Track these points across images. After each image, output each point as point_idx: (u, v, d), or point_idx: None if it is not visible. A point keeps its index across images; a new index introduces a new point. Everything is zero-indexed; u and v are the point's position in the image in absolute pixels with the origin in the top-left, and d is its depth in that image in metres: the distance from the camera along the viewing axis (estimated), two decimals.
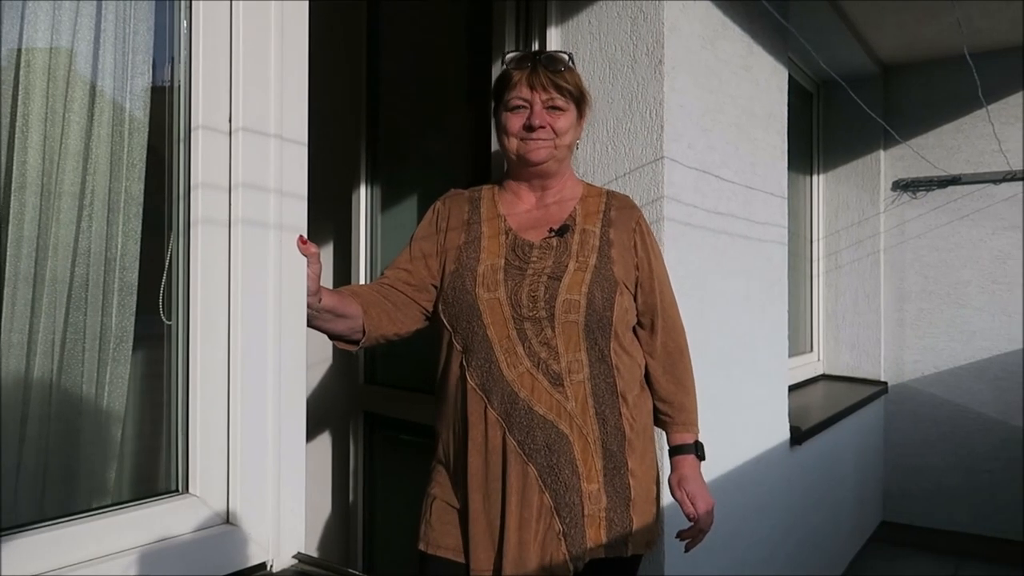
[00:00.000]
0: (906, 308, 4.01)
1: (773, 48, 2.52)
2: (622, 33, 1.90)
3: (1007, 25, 3.46)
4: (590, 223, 1.47)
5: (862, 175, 4.09)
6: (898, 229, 4.04)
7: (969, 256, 3.88)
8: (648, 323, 1.50)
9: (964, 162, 3.87)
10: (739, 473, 2.28)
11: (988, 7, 3.25)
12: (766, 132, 2.48)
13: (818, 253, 4.15)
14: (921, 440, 3.96)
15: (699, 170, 2.00)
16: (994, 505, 3.78)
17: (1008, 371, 3.77)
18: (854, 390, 3.76)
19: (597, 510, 1.38)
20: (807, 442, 2.85)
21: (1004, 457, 3.77)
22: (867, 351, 4.05)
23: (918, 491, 3.96)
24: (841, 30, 3.38)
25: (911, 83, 3.99)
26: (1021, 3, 3.20)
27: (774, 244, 2.56)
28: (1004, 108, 3.76)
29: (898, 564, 3.69)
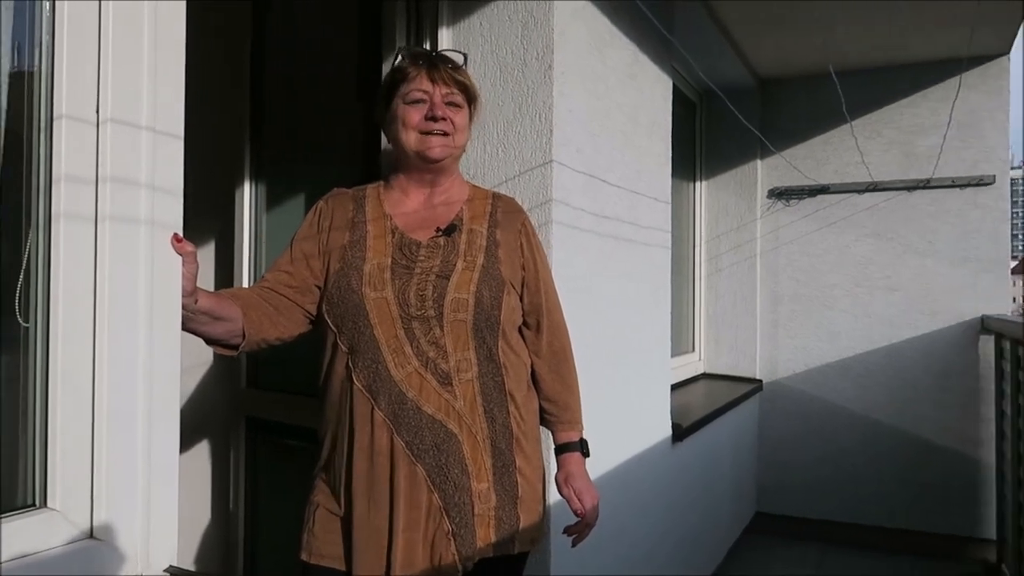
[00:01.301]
0: (779, 310, 4.25)
1: (658, 58, 2.61)
2: (513, 36, 1.92)
3: (868, 48, 3.73)
4: (477, 224, 1.48)
5: (741, 183, 4.29)
6: (773, 235, 4.27)
7: (836, 261, 4.14)
8: (534, 323, 1.52)
9: (832, 173, 4.13)
10: (623, 470, 2.35)
11: (852, 31, 3.49)
12: (651, 139, 2.56)
13: (700, 257, 4.32)
14: (792, 435, 4.20)
15: (587, 174, 2.05)
16: (857, 495, 4.05)
17: (869, 369, 4.06)
18: (732, 388, 3.94)
19: (487, 509, 1.39)
20: (688, 439, 2.96)
21: (866, 450, 4.05)
22: (744, 351, 4.26)
23: (790, 483, 4.19)
24: (722, 44, 3.54)
25: (785, 97, 4.23)
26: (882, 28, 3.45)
27: (658, 248, 2.65)
28: (866, 123, 4.05)
29: (771, 552, 3.90)
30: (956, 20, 3.33)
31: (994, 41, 3.64)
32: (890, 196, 4.02)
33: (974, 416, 3.83)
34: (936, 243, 3.94)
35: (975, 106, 3.84)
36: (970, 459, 3.83)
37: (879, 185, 4.02)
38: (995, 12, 3.25)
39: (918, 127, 3.96)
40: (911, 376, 3.97)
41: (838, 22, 3.37)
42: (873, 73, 4.01)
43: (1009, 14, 3.33)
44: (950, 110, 3.70)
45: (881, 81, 4.01)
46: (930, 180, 3.91)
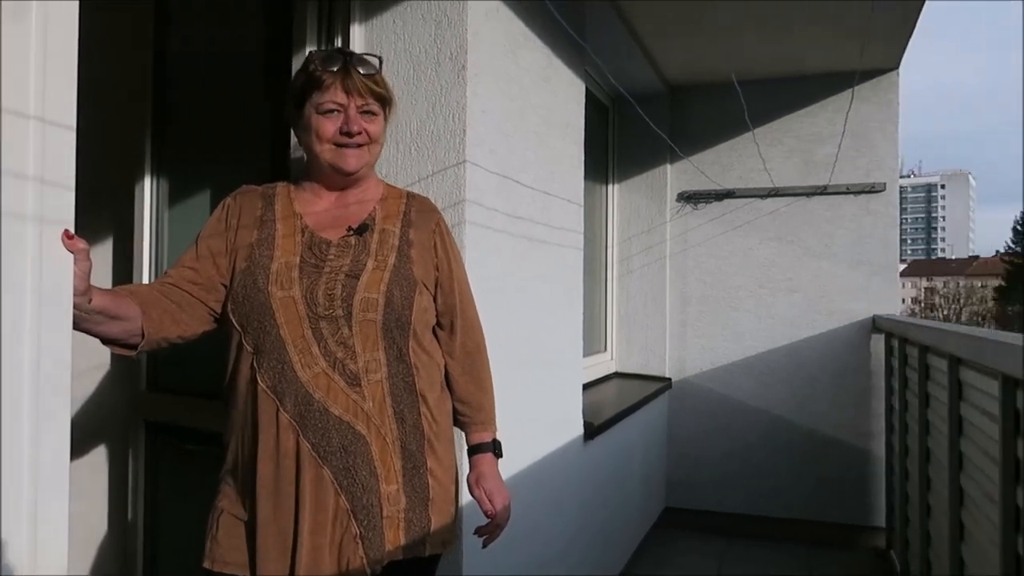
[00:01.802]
0: (688, 310, 4.38)
1: (571, 61, 2.65)
2: (426, 36, 1.91)
3: (770, 58, 3.89)
4: (390, 223, 1.46)
5: (651, 186, 4.40)
6: (682, 237, 4.40)
7: (740, 263, 4.30)
8: (447, 324, 1.52)
9: (737, 178, 4.29)
10: (536, 469, 2.37)
11: (754, 41, 3.63)
12: (564, 141, 2.60)
13: (612, 258, 4.41)
14: (700, 431, 4.34)
15: (500, 175, 2.06)
16: (760, 488, 4.22)
17: (771, 367, 4.23)
18: (642, 387, 4.03)
19: (396, 511, 1.37)
20: (599, 437, 3.01)
21: (768, 445, 4.22)
22: (654, 350, 4.37)
23: (697, 478, 4.33)
24: (633, 49, 3.62)
25: (693, 104, 4.36)
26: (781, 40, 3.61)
27: (571, 249, 2.68)
28: (769, 131, 4.22)
29: (678, 545, 4.01)
30: (848, 36, 3.51)
31: (884, 57, 3.86)
32: (791, 201, 4.20)
33: (866, 411, 4.05)
34: (832, 247, 4.14)
35: (867, 118, 4.06)
36: (863, 452, 4.05)
37: (781, 191, 4.20)
38: (884, 30, 3.45)
39: (816, 136, 4.16)
40: (810, 374, 4.16)
41: (741, 32, 3.50)
42: (775, 83, 4.18)
43: (897, 32, 3.54)
44: (844, 121, 3.90)
45: (783, 91, 4.19)
46: (827, 187, 4.11)
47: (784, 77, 4.16)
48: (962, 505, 2.18)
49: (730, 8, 3.22)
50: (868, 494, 4.04)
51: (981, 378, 1.94)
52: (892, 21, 3.37)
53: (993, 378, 1.77)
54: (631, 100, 3.45)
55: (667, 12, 3.29)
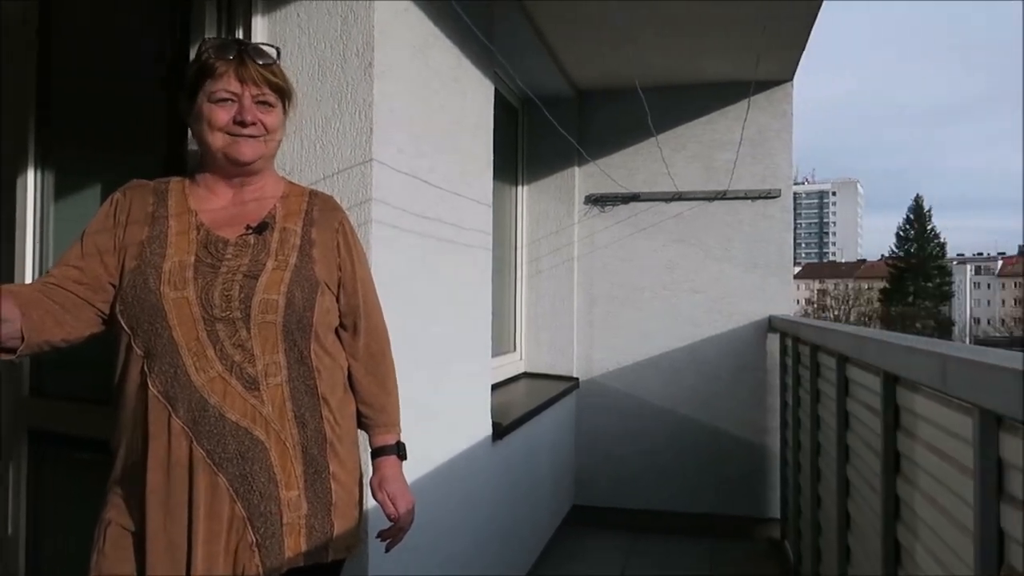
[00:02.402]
0: (595, 311, 4.46)
1: (481, 63, 2.66)
2: (332, 31, 1.87)
3: (673, 66, 4.01)
4: (291, 222, 1.43)
5: (560, 188, 4.46)
6: (589, 239, 4.48)
7: (646, 265, 4.41)
8: (351, 325, 1.49)
9: (642, 182, 4.40)
10: (445, 470, 2.36)
11: (656, 49, 3.73)
12: (474, 142, 2.60)
13: (521, 259, 4.45)
14: (607, 429, 4.42)
15: (408, 175, 2.04)
16: (665, 483, 4.34)
17: (675, 366, 4.36)
18: (551, 386, 4.08)
19: (297, 518, 1.34)
20: (508, 437, 3.03)
21: (672, 441, 4.34)
22: (563, 350, 4.43)
23: (604, 475, 4.41)
24: (541, 53, 3.66)
25: (601, 108, 4.45)
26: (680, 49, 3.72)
27: (480, 250, 2.69)
28: (673, 137, 4.35)
29: (585, 541, 4.08)
30: (743, 49, 3.66)
31: (778, 69, 4.04)
32: (693, 205, 4.34)
33: (763, 407, 4.22)
34: (732, 250, 4.30)
35: (764, 126, 4.24)
36: (760, 447, 4.22)
37: (684, 195, 4.34)
38: (777, 44, 3.61)
39: (717, 142, 4.31)
40: (711, 372, 4.31)
41: (645, 40, 3.60)
42: (678, 90, 4.31)
43: (790, 46, 3.71)
44: (742, 129, 4.06)
45: (685, 98, 4.33)
46: (727, 192, 4.27)
47: (686, 85, 4.29)
48: (848, 496, 2.30)
49: (632, 16, 3.30)
50: (765, 487, 4.22)
51: (865, 375, 2.05)
52: (784, 37, 3.54)
53: (876, 375, 1.87)
54: (538, 103, 3.48)
55: (573, 18, 3.34)
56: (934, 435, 1.48)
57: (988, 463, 1.17)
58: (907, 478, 1.67)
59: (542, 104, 3.75)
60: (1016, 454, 1.10)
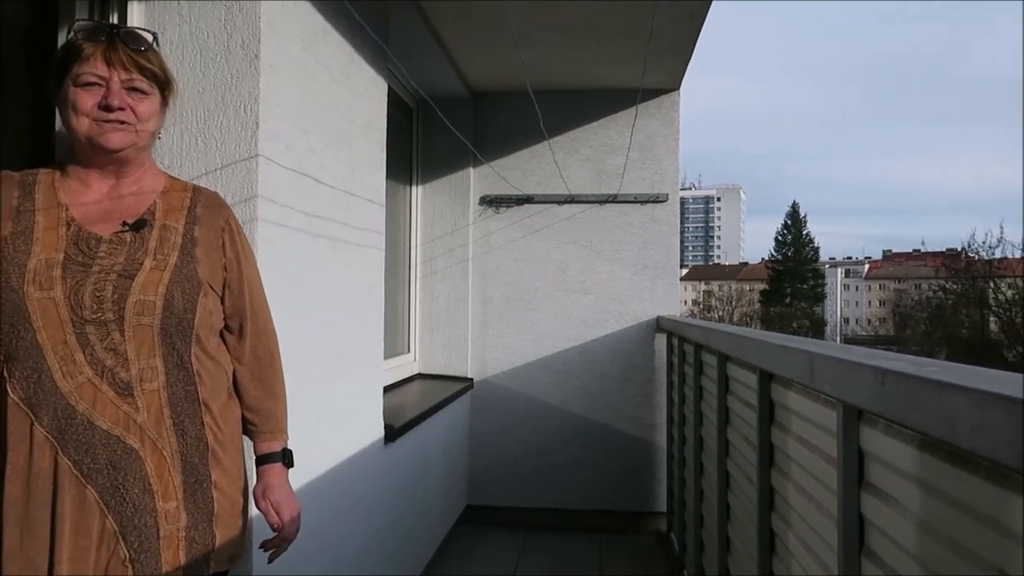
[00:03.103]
0: (490, 311, 4.48)
1: (374, 60, 2.62)
2: (215, 21, 1.80)
3: (565, 71, 4.08)
4: (172, 219, 1.36)
5: (455, 189, 4.46)
6: (484, 240, 4.49)
7: (539, 266, 4.47)
8: (236, 327, 1.44)
9: (536, 184, 4.46)
10: (334, 475, 2.31)
11: (547, 54, 3.79)
12: (366, 140, 2.56)
13: (416, 260, 4.41)
14: (500, 429, 4.45)
15: (297, 172, 1.99)
16: (556, 481, 4.41)
17: (567, 366, 4.44)
18: (445, 387, 4.07)
19: (175, 530, 1.28)
20: (401, 439, 3.00)
21: (564, 439, 4.42)
22: (457, 350, 4.43)
23: (497, 475, 4.44)
24: (437, 54, 3.64)
25: (496, 109, 4.48)
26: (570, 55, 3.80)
27: (373, 249, 2.65)
28: (566, 140, 4.43)
29: (479, 540, 4.10)
30: (632, 57, 3.76)
31: (666, 78, 4.19)
32: (585, 208, 4.43)
33: (651, 404, 4.36)
34: (622, 252, 4.42)
35: (652, 133, 4.38)
36: (648, 443, 4.36)
37: (576, 198, 4.42)
38: (663, 54, 3.74)
39: (608, 147, 4.42)
40: (602, 371, 4.41)
41: (538, 44, 3.64)
42: (572, 95, 4.39)
43: (676, 57, 3.85)
44: (631, 134, 4.18)
45: (579, 103, 4.42)
46: (617, 195, 4.39)
47: (580, 90, 4.38)
48: (728, 488, 2.41)
49: (527, 21, 3.34)
50: (652, 482, 4.36)
51: (744, 372, 2.16)
52: (670, 48, 3.67)
53: (753, 372, 1.97)
54: (431, 103, 3.47)
55: (469, 20, 3.35)
56: (804, 428, 1.57)
57: (850, 454, 1.25)
58: (780, 470, 1.77)
59: (438, 104, 3.74)
60: (875, 445, 1.18)
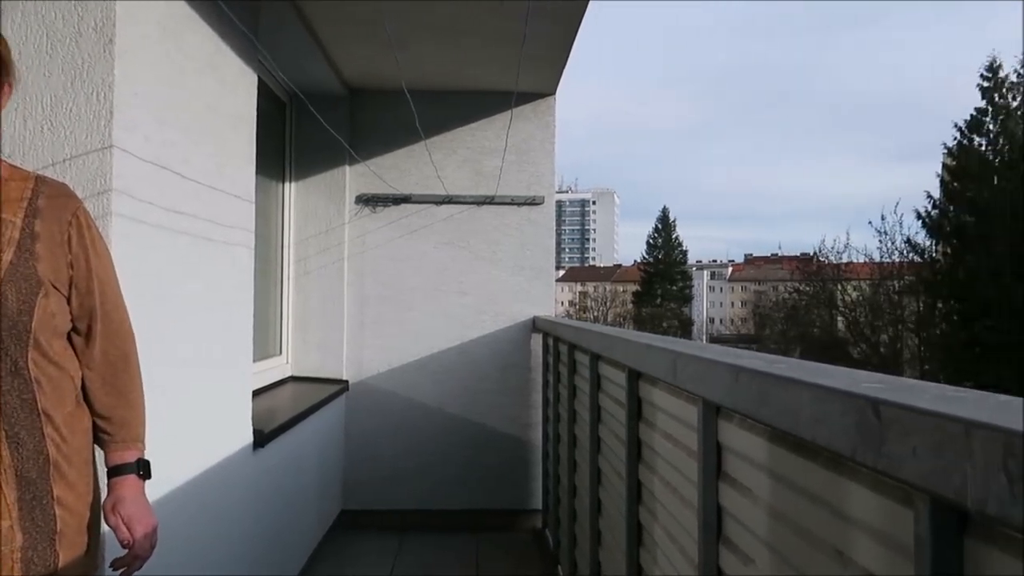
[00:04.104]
0: (366, 312, 4.41)
1: (243, 52, 2.52)
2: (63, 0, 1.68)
3: (443, 71, 4.08)
4: (10, 211, 1.25)
5: (330, 187, 4.36)
6: (360, 239, 4.42)
7: (417, 266, 4.44)
8: (84, 329, 1.34)
9: (414, 184, 4.42)
10: (198, 485, 2.20)
11: (423, 54, 3.78)
12: (234, 134, 2.46)
13: (289, 259, 4.28)
14: (376, 431, 4.39)
15: (157, 164, 1.88)
16: (434, 482, 4.39)
17: (445, 366, 4.43)
18: (319, 390, 3.97)
19: (10, 551, 1.17)
20: (271, 443, 2.90)
21: (442, 440, 4.41)
22: (332, 351, 4.33)
23: (374, 478, 4.37)
24: (313, 50, 3.55)
25: (373, 107, 4.41)
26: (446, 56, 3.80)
27: (241, 247, 2.55)
28: (444, 141, 4.42)
29: (354, 546, 4.02)
30: (507, 61, 3.79)
31: (542, 82, 4.26)
32: (463, 209, 4.44)
33: (528, 404, 4.42)
34: (499, 253, 4.46)
35: (528, 136, 4.45)
36: (525, 442, 4.42)
37: (454, 198, 4.42)
38: (538, 59, 3.80)
39: (486, 149, 4.45)
40: (480, 371, 4.43)
41: (416, 43, 3.62)
42: (450, 95, 4.39)
43: (551, 63, 3.93)
44: (507, 136, 4.23)
45: (456, 103, 4.42)
46: (494, 197, 4.42)
47: (458, 91, 4.38)
48: (600, 483, 2.48)
49: (404, 21, 3.31)
50: (529, 479, 4.42)
51: (614, 371, 2.23)
52: (545, 53, 3.73)
53: (622, 371, 2.04)
54: (303, 98, 3.38)
55: (345, 18, 3.28)
56: (669, 424, 1.64)
57: (709, 447, 1.32)
58: (647, 464, 1.84)
59: (313, 100, 3.64)
60: (731, 438, 1.25)
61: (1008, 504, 0.51)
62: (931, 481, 0.60)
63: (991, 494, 0.53)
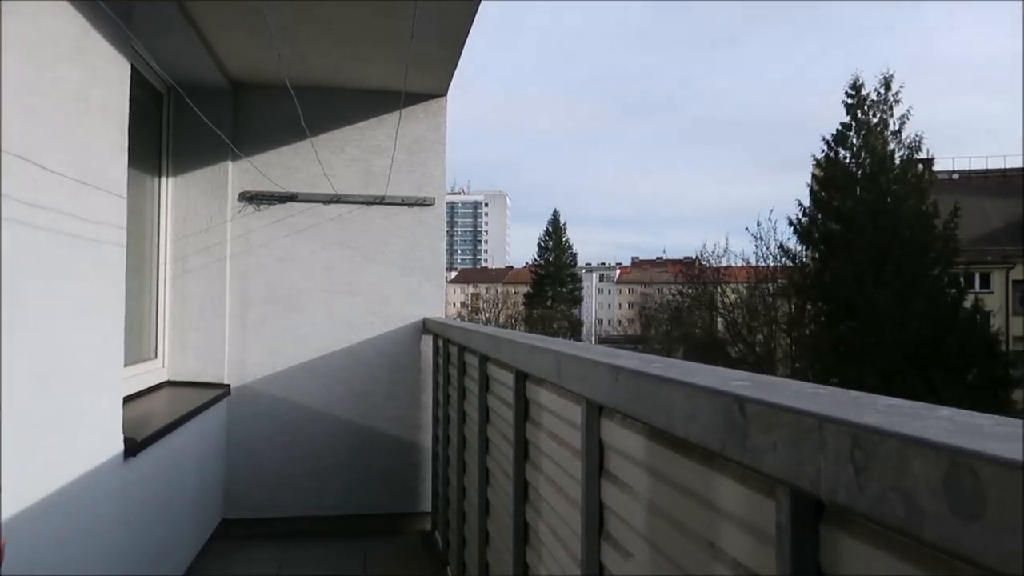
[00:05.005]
0: (250, 313, 4.25)
1: (114, 38, 2.38)
2: None
3: (332, 68, 3.99)
4: None
5: (211, 183, 4.18)
6: (244, 238, 4.26)
7: (304, 267, 4.33)
8: None
9: (301, 182, 4.31)
10: (64, 495, 2.06)
11: (316, 50, 3.69)
12: (104, 125, 2.32)
13: (166, 257, 4.07)
14: (260, 436, 4.24)
15: (15, 155, 1.75)
16: (321, 487, 4.29)
17: (333, 369, 4.34)
18: (198, 394, 3.80)
19: None
20: (144, 452, 2.75)
21: (329, 444, 4.31)
22: (213, 355, 4.15)
23: (257, 485, 4.22)
24: (192, 38, 3.39)
25: (258, 102, 4.26)
26: (333, 52, 3.73)
27: (110, 245, 2.40)
28: (333, 139, 4.33)
29: (235, 555, 3.86)
30: (396, 60, 3.76)
31: (433, 83, 4.25)
32: (352, 209, 4.37)
33: (418, 405, 4.39)
34: (389, 254, 4.41)
35: (420, 137, 4.42)
36: (414, 444, 4.38)
37: (343, 198, 4.34)
38: (428, 60, 3.79)
39: (376, 148, 4.39)
40: (369, 373, 4.37)
41: (302, 38, 3.53)
42: (340, 93, 4.31)
43: (442, 64, 3.92)
44: (396, 136, 4.19)
45: (346, 102, 4.34)
46: (384, 197, 4.37)
47: (347, 89, 4.30)
48: (488, 484, 2.49)
49: (289, 15, 3.22)
50: (419, 482, 4.39)
51: (502, 372, 2.24)
52: (435, 54, 3.73)
53: (509, 371, 2.06)
54: (180, 91, 3.22)
55: (227, 8, 3.16)
56: (554, 423, 1.66)
57: (592, 445, 1.35)
58: (534, 464, 1.86)
59: (194, 92, 3.48)
60: (613, 436, 1.28)
61: (855, 493, 0.55)
62: (789, 473, 0.64)
63: (840, 484, 0.56)
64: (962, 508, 0.45)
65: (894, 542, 0.57)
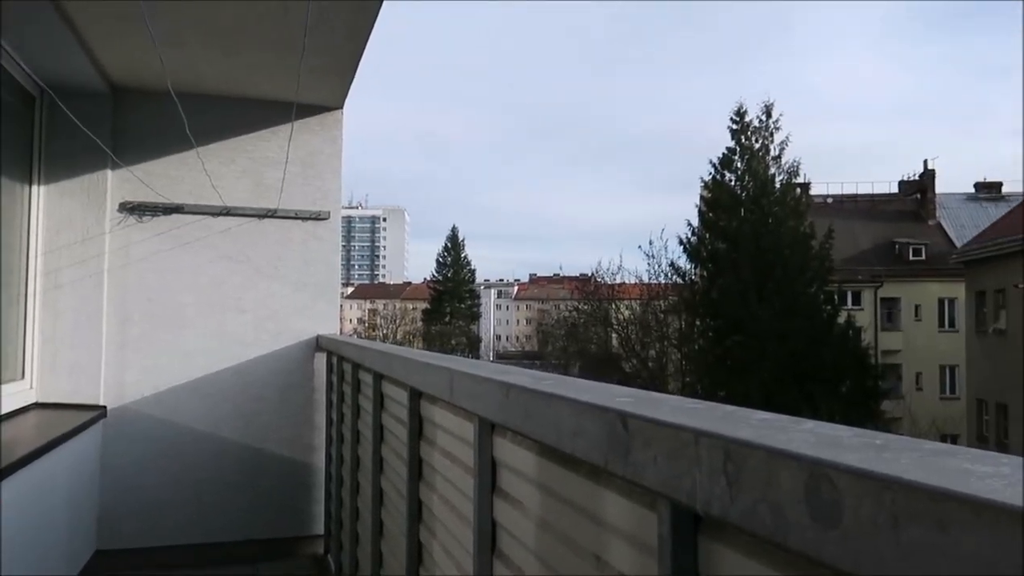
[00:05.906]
0: (129, 330, 4.03)
1: None
2: None
3: (218, 76, 3.86)
4: None
5: (89, 192, 3.95)
6: (124, 251, 4.04)
7: (190, 281, 4.15)
8: None
9: (187, 193, 4.13)
10: None
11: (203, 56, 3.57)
12: None
13: (35, 271, 3.81)
14: (139, 460, 4.01)
15: None
16: (205, 513, 4.09)
17: (219, 387, 4.16)
18: (71, 417, 3.56)
19: None
20: (8, 480, 2.55)
21: (214, 467, 4.12)
22: (88, 374, 3.91)
23: (135, 512, 3.99)
24: (67, 38, 3.21)
25: (141, 109, 4.07)
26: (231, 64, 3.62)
27: None
28: (222, 149, 4.18)
29: None
30: (287, 71, 3.66)
31: (328, 95, 4.18)
32: (243, 222, 4.22)
33: (311, 425, 4.27)
34: (282, 268, 4.29)
35: (315, 149, 4.34)
36: (306, 465, 4.26)
37: (232, 210, 4.19)
38: (323, 72, 3.73)
39: (268, 160, 4.27)
40: (258, 392, 4.22)
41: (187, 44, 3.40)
42: (228, 101, 4.17)
43: (337, 77, 3.87)
44: (288, 149, 4.10)
45: (235, 111, 4.20)
46: (277, 211, 4.25)
47: (238, 98, 4.18)
48: (382, 504, 2.45)
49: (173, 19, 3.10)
50: (311, 503, 4.26)
51: (396, 390, 2.22)
52: (329, 66, 3.67)
53: (404, 389, 2.03)
54: (55, 98, 3.04)
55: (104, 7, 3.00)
56: (447, 441, 1.66)
57: (485, 463, 1.35)
58: (428, 483, 1.84)
59: (69, 96, 3.29)
60: (505, 453, 1.28)
61: (728, 505, 0.57)
62: (668, 486, 0.66)
63: (714, 496, 0.59)
64: (822, 516, 0.48)
65: (765, 550, 0.59)
